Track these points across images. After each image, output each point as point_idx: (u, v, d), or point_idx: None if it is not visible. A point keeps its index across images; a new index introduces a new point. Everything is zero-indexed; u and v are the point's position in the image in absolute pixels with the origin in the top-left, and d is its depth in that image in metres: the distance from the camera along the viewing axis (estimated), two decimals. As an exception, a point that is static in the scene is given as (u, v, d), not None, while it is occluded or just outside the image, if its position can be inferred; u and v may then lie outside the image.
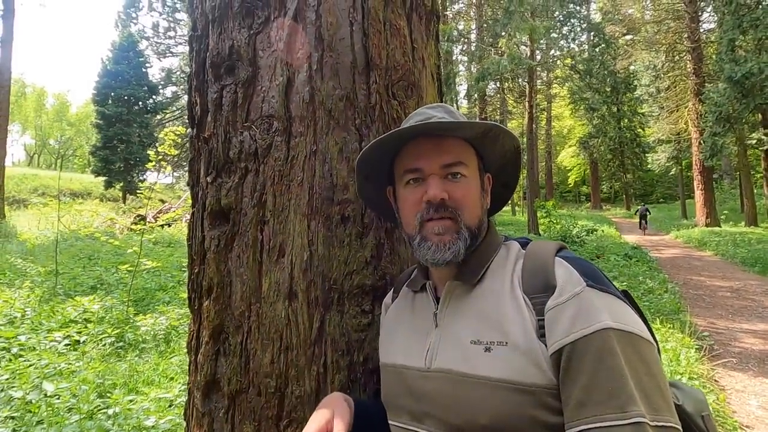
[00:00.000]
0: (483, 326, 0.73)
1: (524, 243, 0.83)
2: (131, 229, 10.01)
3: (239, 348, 1.00)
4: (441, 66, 1.32)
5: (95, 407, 2.57)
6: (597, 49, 17.95)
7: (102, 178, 23.47)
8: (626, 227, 20.25)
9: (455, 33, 14.97)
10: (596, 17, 21.53)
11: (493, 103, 25.46)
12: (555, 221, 12.62)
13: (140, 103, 24.04)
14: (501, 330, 0.71)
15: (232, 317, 1.02)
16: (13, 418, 2.40)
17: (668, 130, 21.83)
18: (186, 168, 27.01)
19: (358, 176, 0.89)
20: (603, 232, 14.62)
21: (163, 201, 18.86)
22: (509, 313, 0.72)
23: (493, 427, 0.67)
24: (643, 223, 18.32)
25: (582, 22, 17.01)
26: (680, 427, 0.61)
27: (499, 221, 20.29)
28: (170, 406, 2.65)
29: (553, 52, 22.17)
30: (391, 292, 0.98)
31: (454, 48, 17.12)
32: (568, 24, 17.03)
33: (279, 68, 1.03)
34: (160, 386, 2.93)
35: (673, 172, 25.93)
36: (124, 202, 22.51)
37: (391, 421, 0.83)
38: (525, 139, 17.42)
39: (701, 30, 18.89)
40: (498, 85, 23.57)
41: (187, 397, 1.16)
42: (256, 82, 1.05)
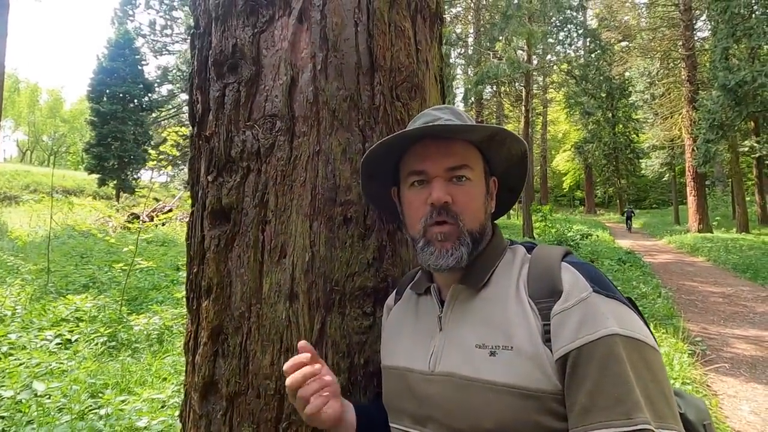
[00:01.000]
0: (488, 330, 0.73)
1: (530, 247, 0.82)
2: (126, 228, 9.92)
3: (238, 349, 0.99)
4: (444, 68, 1.32)
5: (86, 407, 2.54)
6: (593, 55, 18.14)
7: (95, 176, 23.25)
8: (620, 232, 20.38)
9: (453, 36, 15.02)
10: (592, 23, 21.72)
11: (490, 107, 25.58)
12: (550, 225, 12.68)
13: (135, 100, 23.86)
14: (506, 334, 0.71)
15: (231, 318, 1.01)
16: (2, 417, 2.36)
17: (662, 136, 22.03)
18: (181, 167, 26.87)
19: (362, 175, 0.89)
20: (597, 237, 14.73)
21: (157, 200, 18.72)
22: (515, 318, 0.71)
23: (497, 431, 0.66)
24: (629, 222, 21.24)
25: (578, 28, 17.16)
26: None
27: (494, 224, 20.26)
28: (163, 407, 2.62)
29: (549, 57, 22.31)
30: (394, 293, 0.98)
31: (452, 51, 17.18)
32: (565, 29, 17.19)
33: (283, 67, 1.03)
34: (152, 387, 2.90)
35: (666, 178, 26.16)
36: (118, 200, 22.32)
37: (392, 424, 0.82)
38: (521, 143, 17.42)
39: (696, 38, 19.10)
40: (495, 89, 23.68)
41: (183, 399, 1.14)
42: (259, 81, 1.04)
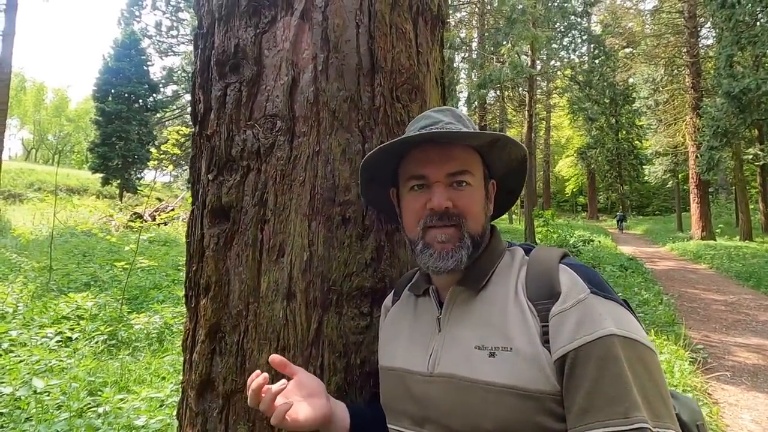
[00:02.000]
0: (487, 332, 0.73)
1: (528, 249, 0.83)
2: (128, 227, 9.95)
3: (235, 347, 0.99)
4: (445, 71, 1.33)
5: (85, 405, 2.55)
6: (597, 61, 18.14)
7: (99, 175, 23.39)
8: (622, 238, 20.32)
9: (457, 40, 15.07)
10: (597, 29, 21.73)
11: (493, 111, 25.59)
12: (553, 230, 12.65)
13: (140, 100, 24.01)
14: (505, 336, 0.71)
15: (229, 316, 1.01)
16: (1, 414, 2.37)
17: (666, 142, 21.98)
18: (184, 167, 26.96)
19: (361, 178, 0.89)
20: (599, 242, 14.70)
21: (160, 199, 18.79)
22: (514, 319, 0.72)
23: None
24: (621, 224, 23.69)
25: (583, 33, 17.18)
26: None
27: (496, 229, 20.22)
28: (161, 405, 2.62)
29: (553, 62, 22.34)
30: (392, 294, 0.98)
31: (456, 56, 17.23)
32: (569, 35, 17.20)
33: (284, 68, 1.03)
34: (151, 386, 2.91)
35: (669, 185, 26.10)
36: (121, 200, 22.41)
37: (390, 426, 0.82)
38: (524, 148, 17.42)
39: (700, 45, 19.09)
40: (498, 94, 23.69)
41: (180, 396, 1.15)
42: (260, 81, 1.05)
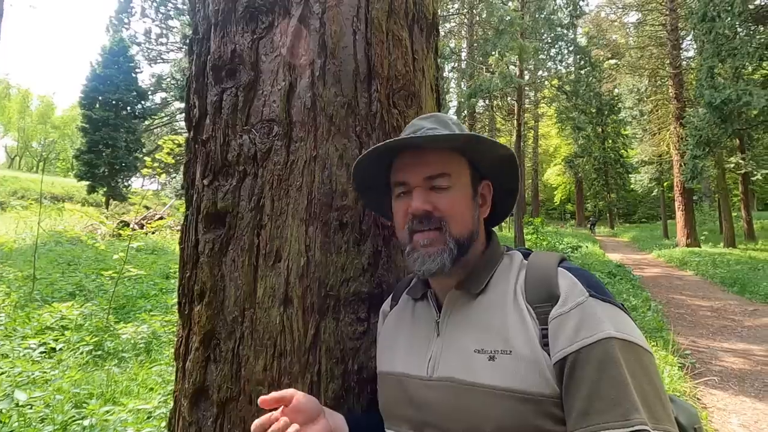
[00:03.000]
0: (487, 335, 0.73)
1: (526, 254, 0.83)
2: (115, 235, 9.78)
3: (231, 354, 0.98)
4: (440, 78, 1.34)
5: (70, 418, 2.47)
6: (583, 72, 18.48)
7: (85, 183, 22.98)
8: (610, 245, 20.58)
9: (447, 50, 15.26)
10: (583, 41, 22.22)
11: (482, 120, 25.87)
12: (542, 238, 12.77)
13: (128, 108, 23.75)
14: (505, 339, 0.71)
15: (224, 323, 1.00)
16: (-19, 428, 2.29)
17: (651, 151, 22.43)
18: (173, 175, 26.68)
19: (358, 187, 0.92)
20: (587, 248, 14.87)
21: (147, 207, 18.53)
22: (513, 323, 0.72)
23: None
24: (593, 228, 28.09)
25: (569, 45, 17.52)
26: None
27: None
28: (149, 417, 2.56)
29: (541, 72, 22.73)
30: (389, 299, 0.98)
31: (446, 65, 17.43)
32: (556, 46, 17.52)
33: (281, 73, 1.04)
34: (139, 397, 2.84)
35: (655, 193, 26.57)
36: (107, 208, 22.06)
37: (389, 431, 0.81)
38: (513, 157, 17.62)
39: (682, 57, 19.60)
40: (487, 103, 23.99)
41: (172, 406, 1.12)
42: (257, 86, 1.05)
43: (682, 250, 15.75)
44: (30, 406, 2.49)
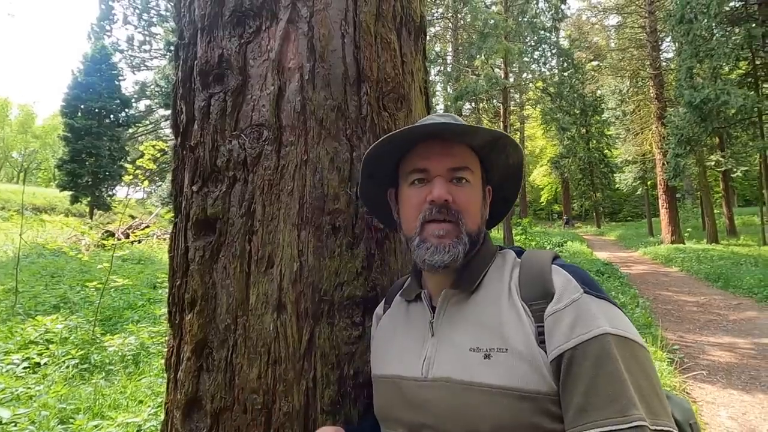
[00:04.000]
0: (482, 333, 0.73)
1: (519, 252, 0.83)
2: (100, 246, 9.58)
3: (224, 363, 0.96)
4: (428, 81, 1.35)
5: (56, 434, 2.41)
6: (566, 74, 18.75)
7: (68, 193, 22.52)
8: (597, 244, 20.85)
9: (433, 54, 15.38)
10: (565, 44, 22.58)
11: (469, 122, 26.09)
12: (530, 238, 12.90)
13: (112, 116, 23.39)
14: (501, 336, 0.71)
15: (216, 331, 0.98)
16: (-37, 448, 2.22)
17: (634, 151, 22.86)
18: (158, 183, 26.30)
19: (362, 174, 0.89)
20: (571, 244, 15.08)
21: (133, 217, 18.22)
22: (508, 320, 0.72)
23: None
24: (567, 225, 30.89)
25: (552, 47, 17.77)
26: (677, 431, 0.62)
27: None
28: (139, 431, 2.50)
29: (525, 75, 23.03)
30: (383, 302, 0.97)
31: (432, 69, 17.55)
32: (539, 49, 17.77)
33: (270, 77, 1.03)
34: (128, 410, 2.77)
35: (639, 192, 27.08)
36: (92, 218, 21.63)
37: (385, 435, 0.81)
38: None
39: (662, 58, 20.06)
40: (474, 106, 24.22)
41: (164, 418, 1.10)
42: (246, 91, 1.04)
43: (667, 247, 16.04)
44: (14, 424, 2.41)
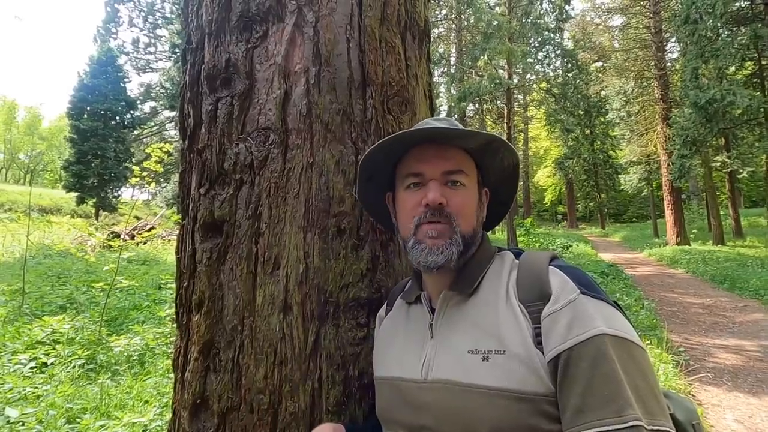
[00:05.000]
0: (480, 335, 0.74)
1: (517, 253, 0.84)
2: (106, 247, 9.65)
3: (231, 363, 0.97)
4: (432, 84, 1.36)
5: (63, 433, 2.43)
6: (570, 75, 18.71)
7: (74, 194, 22.71)
8: (602, 245, 20.76)
9: (436, 55, 15.39)
10: (569, 44, 22.54)
11: (473, 124, 26.06)
12: (534, 239, 12.86)
13: (117, 117, 23.57)
14: (498, 338, 0.71)
15: (223, 332, 0.99)
16: (-28, 447, 2.24)
17: (639, 152, 22.75)
18: (164, 184, 26.45)
19: (360, 178, 0.90)
20: (577, 246, 15.01)
21: (138, 218, 18.34)
22: (506, 322, 0.72)
23: None
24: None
25: (556, 48, 17.74)
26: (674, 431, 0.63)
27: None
28: (145, 430, 2.52)
29: (529, 76, 22.99)
30: (385, 304, 0.98)
31: (435, 70, 17.58)
32: (543, 50, 17.74)
33: (276, 81, 1.04)
34: (134, 410, 2.80)
35: (644, 193, 26.91)
36: (97, 219, 21.79)
37: (386, 436, 0.82)
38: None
39: (667, 59, 19.97)
40: (477, 107, 24.20)
41: (171, 418, 1.11)
42: (252, 95, 1.06)
43: (672, 249, 15.94)
44: (22, 423, 2.44)
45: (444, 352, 0.76)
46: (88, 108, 22.66)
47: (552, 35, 16.74)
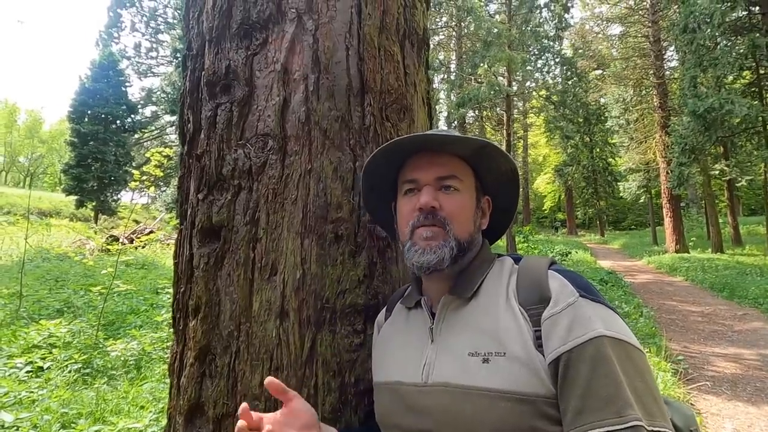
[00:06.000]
0: (480, 338, 0.74)
1: (516, 258, 0.85)
2: (104, 250, 9.64)
3: (227, 369, 0.97)
4: (431, 91, 1.37)
5: (58, 439, 2.41)
6: (570, 82, 18.81)
7: (73, 197, 22.72)
8: (601, 253, 20.74)
9: (436, 62, 15.48)
10: (568, 52, 22.69)
11: (472, 131, 26.16)
12: (533, 246, 12.86)
13: (118, 121, 23.65)
14: (499, 341, 0.72)
15: (220, 337, 0.99)
16: (-34, 451, 2.23)
17: (638, 159, 22.81)
18: (163, 188, 26.45)
19: (363, 187, 0.92)
20: (576, 253, 15.00)
21: (137, 222, 18.32)
22: (506, 325, 0.73)
23: None
24: (557, 231, 26.85)
25: (555, 56, 17.88)
26: None
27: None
28: (140, 436, 2.51)
29: (528, 83, 23.11)
30: (384, 310, 0.98)
31: (435, 77, 17.67)
32: (543, 58, 17.88)
33: (276, 88, 1.05)
34: (129, 415, 2.78)
35: (643, 200, 26.97)
36: (96, 222, 21.78)
37: (386, 441, 0.81)
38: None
39: (665, 67, 20.09)
40: (477, 114, 24.29)
41: (166, 424, 1.10)
42: (251, 101, 1.06)
43: (671, 256, 15.93)
44: (16, 428, 2.42)
45: (444, 355, 0.77)
46: (89, 111, 22.75)
47: (551, 43, 16.88)
